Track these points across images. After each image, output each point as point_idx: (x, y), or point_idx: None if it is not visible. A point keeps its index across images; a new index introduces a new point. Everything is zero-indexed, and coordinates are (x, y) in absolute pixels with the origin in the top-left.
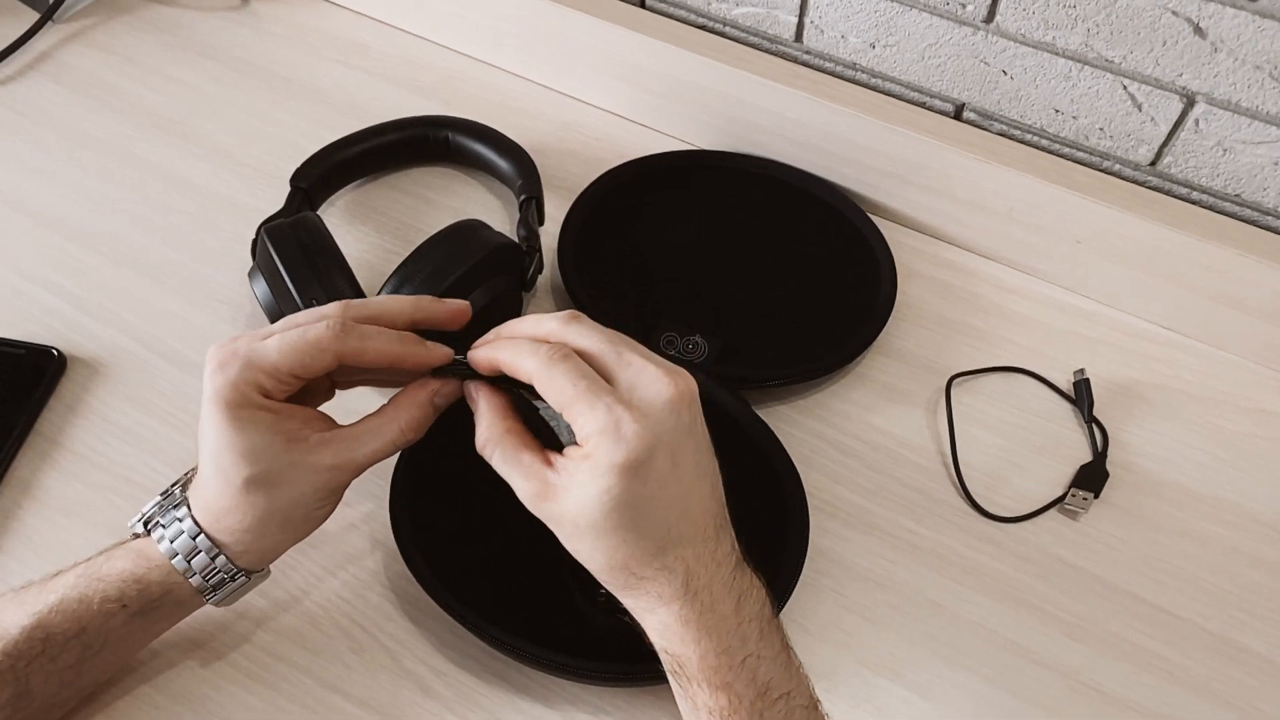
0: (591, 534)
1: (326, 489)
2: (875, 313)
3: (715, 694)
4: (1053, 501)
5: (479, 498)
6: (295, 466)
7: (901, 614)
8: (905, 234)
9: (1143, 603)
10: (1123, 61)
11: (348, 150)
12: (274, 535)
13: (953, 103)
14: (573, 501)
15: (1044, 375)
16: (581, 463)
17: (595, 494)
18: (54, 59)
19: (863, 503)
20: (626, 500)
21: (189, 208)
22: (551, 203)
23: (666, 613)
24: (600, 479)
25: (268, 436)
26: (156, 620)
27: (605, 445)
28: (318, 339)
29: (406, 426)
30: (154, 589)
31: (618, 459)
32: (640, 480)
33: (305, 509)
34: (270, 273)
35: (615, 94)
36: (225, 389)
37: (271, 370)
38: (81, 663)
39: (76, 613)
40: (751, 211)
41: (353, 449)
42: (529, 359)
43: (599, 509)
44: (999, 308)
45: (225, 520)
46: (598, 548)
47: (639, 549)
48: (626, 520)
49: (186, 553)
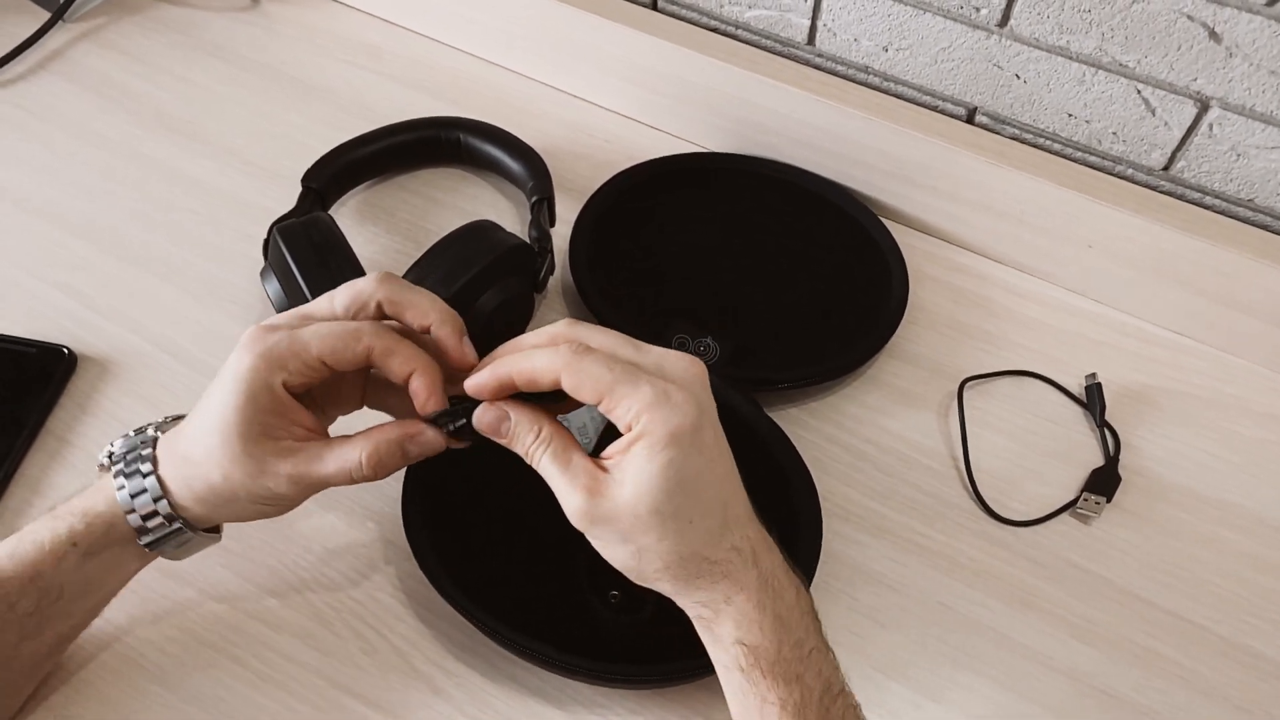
0: (657, 522)
1: (277, 493)
2: (887, 316)
3: (790, 687)
4: (1065, 505)
5: (492, 498)
6: (254, 459)
7: (913, 617)
8: (916, 237)
9: (1154, 607)
10: (1137, 66)
11: (359, 151)
12: (218, 507)
13: (965, 106)
14: (630, 490)
15: (1055, 379)
16: (634, 446)
17: (657, 471)
18: (65, 58)
19: (874, 506)
20: (688, 473)
21: (199, 207)
22: (563, 204)
23: (744, 600)
24: (659, 454)
25: (248, 417)
26: (106, 565)
27: (660, 416)
28: (357, 329)
29: (367, 460)
30: (98, 523)
31: (673, 425)
32: (697, 449)
33: (253, 499)
34: (283, 272)
35: (626, 96)
36: (248, 357)
37: (302, 350)
38: (40, 610)
39: (31, 556)
40: (763, 214)
41: (311, 464)
42: (549, 358)
43: (662, 488)
44: (1010, 311)
45: (184, 469)
46: (666, 535)
47: (706, 529)
48: (691, 497)
49: (134, 490)
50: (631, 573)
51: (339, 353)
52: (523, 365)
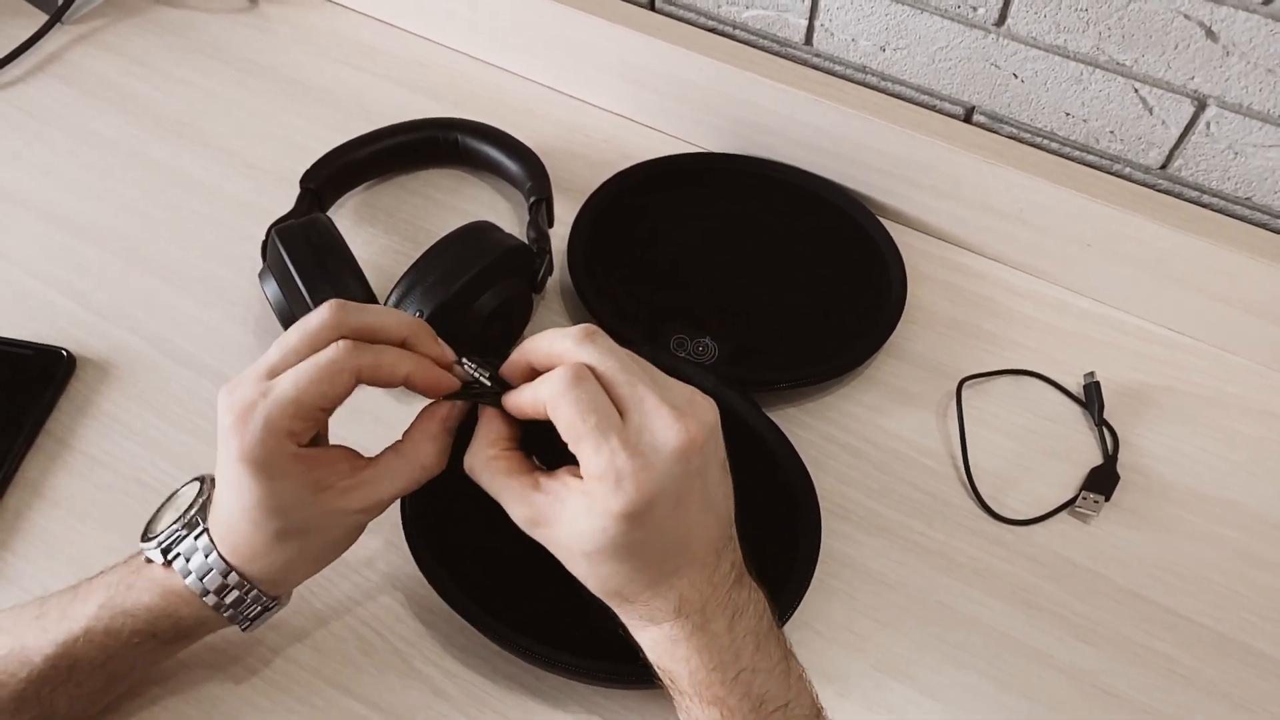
0: (584, 561)
1: (355, 528)
2: (885, 315)
3: (707, 708)
4: (1063, 504)
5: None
6: (325, 514)
7: (912, 616)
8: (915, 237)
9: (1154, 605)
10: (1134, 65)
11: (357, 152)
12: (304, 570)
13: (963, 106)
14: (566, 529)
15: (1054, 378)
16: (578, 495)
17: (589, 530)
18: (63, 60)
19: (873, 505)
20: (622, 544)
21: (198, 208)
22: (561, 205)
23: (656, 631)
24: (596, 519)
25: (298, 490)
26: (186, 644)
27: (604, 492)
28: (332, 361)
29: (428, 463)
30: (187, 622)
31: (614, 508)
32: (638, 526)
33: (336, 549)
34: (281, 274)
35: (624, 96)
36: (252, 449)
37: (294, 413)
38: (108, 687)
39: (104, 644)
40: (761, 214)
41: (376, 492)
42: (543, 386)
43: (593, 543)
44: (1008, 310)
45: (257, 563)
46: (591, 575)
47: (633, 581)
48: (620, 557)
49: (218, 589)
50: None
51: (328, 394)
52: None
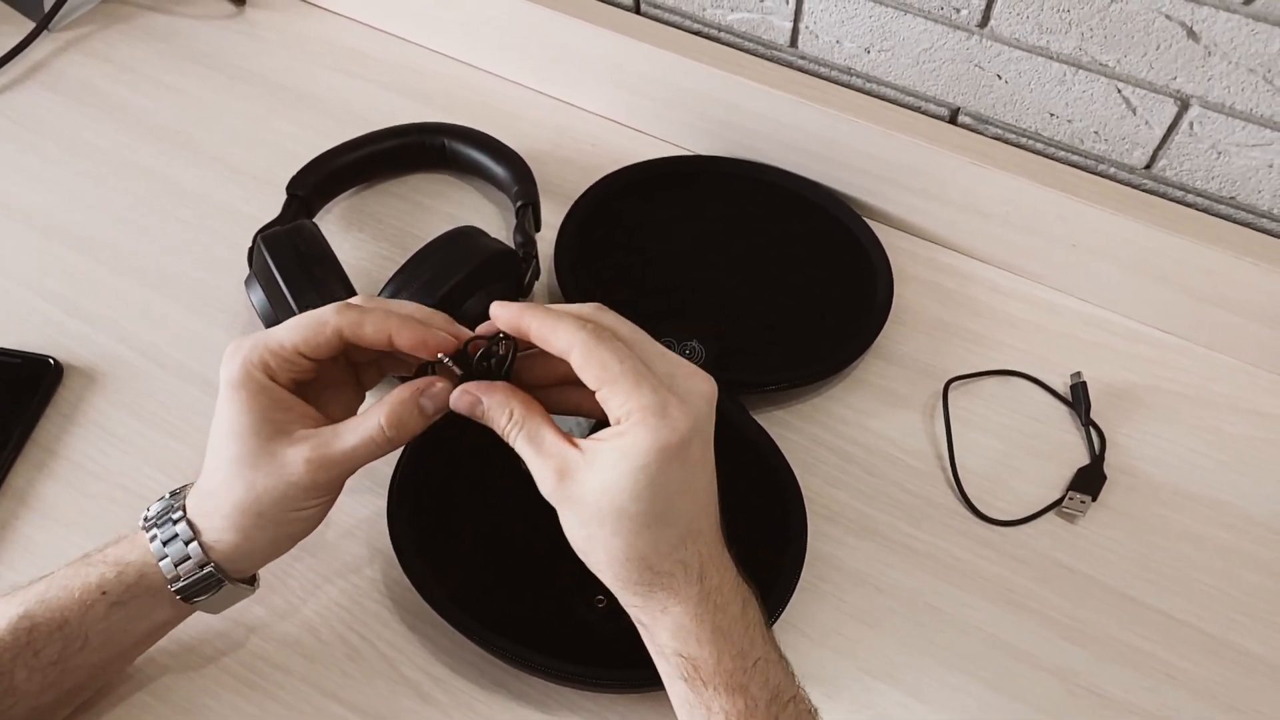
0: (613, 518)
1: (303, 486)
2: (872, 317)
3: (732, 697)
4: (1050, 505)
5: (477, 504)
6: (272, 457)
7: (900, 618)
8: (901, 238)
9: (1141, 605)
10: (1117, 65)
11: (344, 157)
12: (250, 530)
13: (948, 107)
14: (597, 481)
15: (1041, 378)
16: (614, 440)
17: (629, 473)
18: (50, 68)
19: (861, 507)
20: (660, 483)
21: (186, 215)
22: (548, 209)
23: (681, 612)
24: (636, 458)
25: (256, 419)
26: (134, 614)
27: (649, 424)
28: (319, 313)
29: (387, 422)
30: (129, 572)
31: (662, 440)
32: (678, 463)
33: (282, 506)
34: (267, 281)
35: (611, 100)
36: (233, 367)
37: (277, 347)
38: (63, 659)
39: (60, 601)
40: (748, 216)
41: (329, 443)
42: (570, 331)
43: (630, 490)
44: (995, 311)
45: (208, 503)
46: (619, 533)
47: (661, 538)
48: (655, 505)
49: (165, 536)
50: (582, 556)
51: (309, 340)
52: (545, 321)
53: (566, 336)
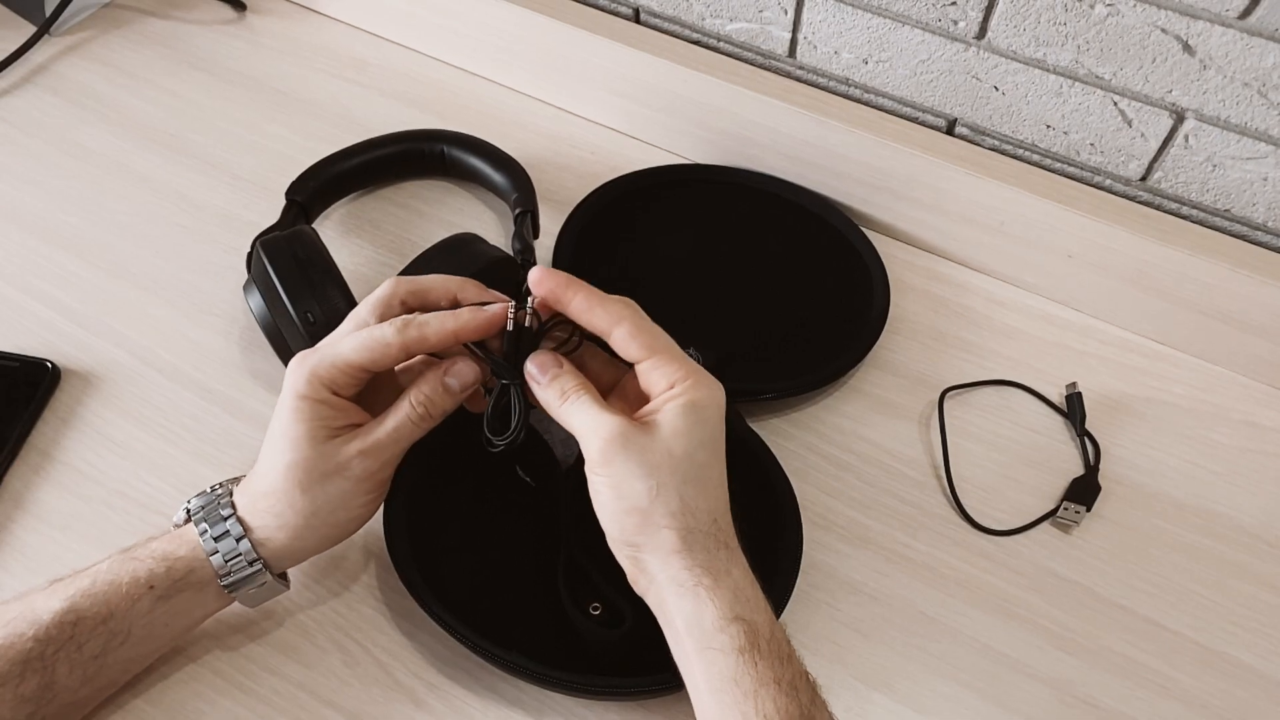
0: (687, 464)
1: (357, 477)
2: (868, 326)
3: (784, 665)
4: (1045, 515)
5: (473, 509)
6: (328, 459)
7: (894, 627)
8: (898, 248)
9: (1134, 615)
10: (1113, 78)
11: (343, 164)
12: (301, 530)
13: (945, 118)
14: (668, 429)
15: (1036, 389)
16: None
17: (697, 422)
18: (50, 71)
19: (856, 516)
20: (712, 437)
21: (184, 220)
22: (546, 216)
23: (740, 574)
24: (698, 411)
25: (315, 427)
26: (179, 609)
27: (700, 385)
28: (383, 335)
29: (415, 401)
30: (179, 567)
31: (718, 398)
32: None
33: (335, 504)
34: (265, 286)
35: (610, 108)
36: (299, 379)
37: (345, 365)
38: (105, 653)
39: (106, 595)
40: (745, 225)
41: (373, 430)
42: (619, 306)
43: (698, 437)
44: (991, 321)
45: (261, 503)
46: (691, 479)
47: (719, 494)
48: (713, 458)
49: (217, 533)
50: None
51: (376, 361)
52: (590, 296)
53: (616, 310)
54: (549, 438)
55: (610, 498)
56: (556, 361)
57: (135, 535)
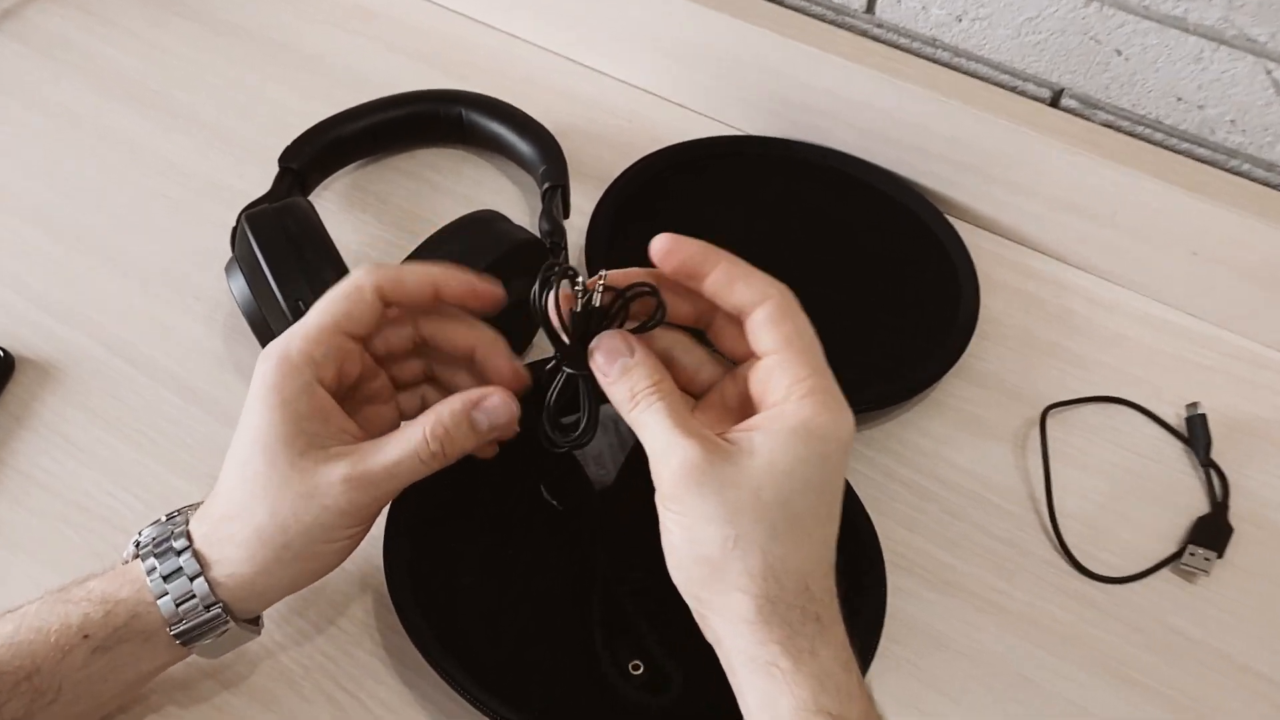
0: (781, 514)
1: (339, 510)
2: (955, 330)
3: None
4: (1166, 559)
5: (490, 537)
6: (305, 475)
7: (986, 690)
8: (986, 238)
9: (1274, 685)
10: (1270, 41)
11: (346, 127)
12: (269, 564)
13: (1050, 87)
14: (763, 462)
15: (1150, 408)
16: (790, 416)
17: (804, 459)
18: (19, 17)
19: (941, 555)
20: (828, 480)
21: (165, 189)
22: (579, 193)
23: (830, 657)
24: (814, 444)
25: (289, 430)
26: (120, 662)
27: (832, 408)
28: (350, 279)
29: (431, 434)
30: (119, 611)
31: (844, 430)
32: (841, 461)
33: (311, 536)
34: (250, 267)
35: (654, 70)
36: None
37: (316, 332)
38: (29, 716)
39: (31, 646)
40: (809, 208)
41: (368, 458)
42: (767, 282)
43: (803, 478)
44: (1094, 327)
45: (222, 530)
46: (779, 534)
47: (820, 554)
48: (822, 506)
49: (167, 570)
50: (704, 569)
51: (351, 314)
52: (735, 265)
53: (762, 286)
54: (580, 453)
55: (680, 539)
56: (628, 347)
57: (96, 558)
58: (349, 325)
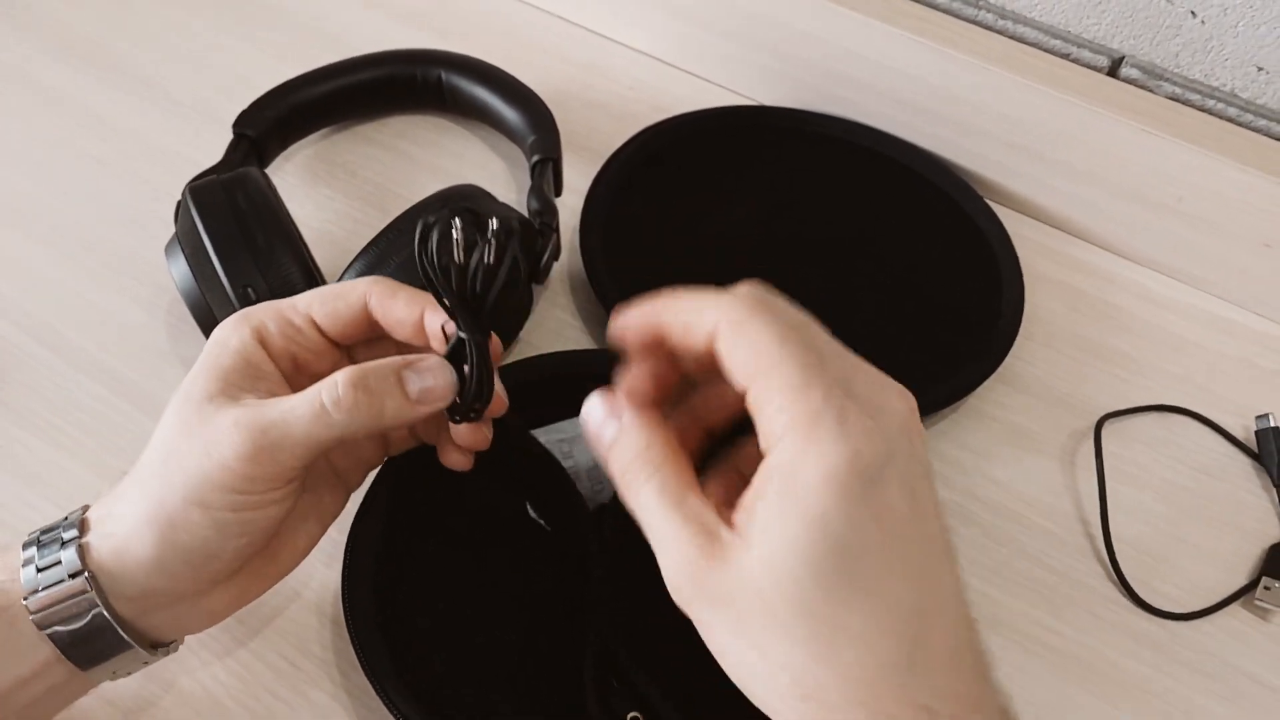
0: (795, 613)
1: (223, 464)
2: (996, 329)
3: None
4: (1236, 593)
5: (466, 561)
6: (204, 421)
7: None
8: (1030, 226)
9: None
10: None
11: (311, 89)
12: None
13: (1109, 55)
14: (759, 555)
15: (1214, 419)
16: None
17: (802, 530)
18: None
19: (983, 586)
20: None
21: (102, 153)
22: (573, 168)
23: None
24: (807, 501)
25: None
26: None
27: (821, 439)
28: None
29: (344, 382)
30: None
31: (839, 461)
32: (868, 506)
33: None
34: (193, 247)
35: (657, 31)
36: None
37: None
38: None
39: None
40: (832, 191)
41: (267, 411)
42: (715, 307)
43: (808, 557)
44: (1151, 327)
45: (115, 493)
46: (800, 640)
47: (877, 649)
48: (854, 583)
49: (47, 560)
50: (754, 695)
51: (334, 310)
52: (684, 305)
53: (707, 312)
54: (572, 465)
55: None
56: (614, 409)
57: None
58: (325, 321)
